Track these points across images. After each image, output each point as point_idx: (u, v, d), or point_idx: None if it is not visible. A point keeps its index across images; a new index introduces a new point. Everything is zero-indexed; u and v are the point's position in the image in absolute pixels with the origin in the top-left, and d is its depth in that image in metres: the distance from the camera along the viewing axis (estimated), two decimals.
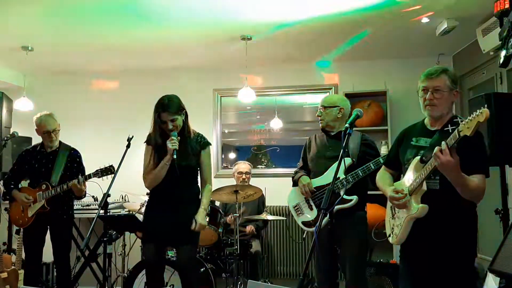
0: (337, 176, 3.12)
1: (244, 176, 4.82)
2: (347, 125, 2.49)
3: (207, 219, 4.04)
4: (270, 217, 4.38)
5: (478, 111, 1.93)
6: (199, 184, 3.28)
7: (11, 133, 4.35)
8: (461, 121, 2.08)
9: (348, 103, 3.41)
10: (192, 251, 3.18)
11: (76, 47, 4.88)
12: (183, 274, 3.22)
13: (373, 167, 3.02)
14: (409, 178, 2.38)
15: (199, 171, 3.26)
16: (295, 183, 3.43)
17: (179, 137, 3.04)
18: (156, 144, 3.12)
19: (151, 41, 4.72)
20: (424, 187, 2.28)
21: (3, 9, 3.84)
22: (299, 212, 3.38)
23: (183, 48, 4.97)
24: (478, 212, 4.73)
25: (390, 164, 2.69)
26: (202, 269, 3.98)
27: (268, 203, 4.89)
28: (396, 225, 2.46)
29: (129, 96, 5.78)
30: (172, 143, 2.98)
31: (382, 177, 2.67)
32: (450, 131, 2.17)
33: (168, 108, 3.03)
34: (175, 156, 2.97)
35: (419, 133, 2.50)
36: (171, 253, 4.07)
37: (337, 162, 3.13)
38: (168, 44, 4.83)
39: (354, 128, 2.63)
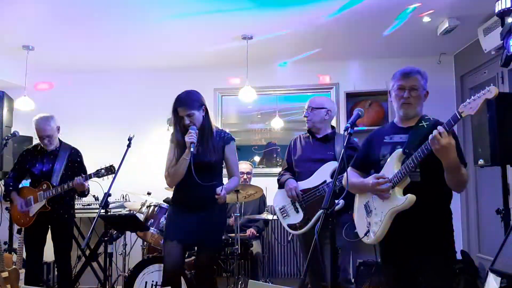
0: (324, 180, 3.16)
1: (245, 176, 4.81)
2: (348, 124, 2.47)
3: None
4: (271, 217, 4.38)
5: (485, 88, 1.97)
6: (224, 182, 3.16)
7: (12, 132, 4.35)
8: (432, 117, 2.25)
9: (335, 106, 3.43)
10: (212, 254, 3.08)
11: (77, 46, 4.88)
12: (198, 276, 3.16)
13: None
14: (388, 171, 2.37)
15: (224, 168, 3.16)
16: (280, 186, 3.42)
17: (197, 131, 2.94)
18: (177, 141, 3.03)
19: (151, 41, 4.72)
20: (408, 178, 2.29)
21: (4, 8, 3.84)
22: (285, 214, 3.37)
23: (183, 47, 4.96)
24: (479, 212, 4.73)
25: (359, 165, 2.65)
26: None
27: (269, 202, 4.89)
28: (374, 222, 2.41)
29: (130, 95, 5.78)
30: (189, 137, 2.88)
31: (354, 175, 2.61)
32: (425, 126, 2.27)
33: (183, 103, 2.96)
34: (192, 149, 2.86)
35: (390, 132, 2.52)
36: None
37: (325, 164, 3.20)
38: (169, 44, 4.82)
39: (342, 131, 2.61)
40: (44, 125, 3.82)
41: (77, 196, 4.16)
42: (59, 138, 4.01)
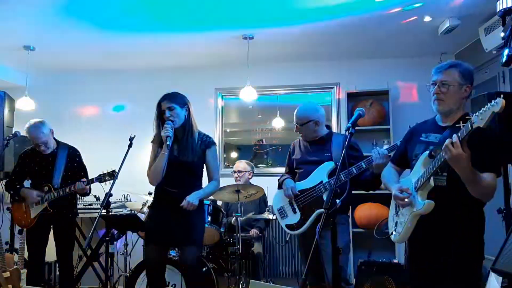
0: (321, 180, 3.17)
1: (236, 175, 4.77)
2: (349, 124, 2.46)
3: (209, 219, 4.05)
4: (272, 216, 4.37)
5: (493, 101, 1.87)
6: (203, 185, 3.24)
7: (13, 132, 4.35)
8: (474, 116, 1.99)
9: (320, 111, 3.33)
10: (196, 252, 3.15)
11: (78, 46, 4.88)
12: (187, 275, 3.21)
13: (355, 171, 3.00)
14: (416, 173, 2.32)
15: (205, 171, 3.24)
16: (280, 186, 3.44)
17: (173, 126, 3.00)
18: (157, 138, 3.10)
19: (152, 40, 4.72)
20: (432, 183, 2.21)
21: (4, 8, 3.84)
22: (283, 215, 3.39)
23: (184, 47, 4.96)
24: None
25: (397, 161, 2.62)
26: (204, 269, 3.98)
27: (270, 202, 4.88)
28: (399, 223, 2.40)
29: (131, 95, 5.78)
30: (165, 131, 2.96)
31: (388, 174, 2.61)
32: (462, 127, 2.05)
33: (167, 96, 3.08)
34: (168, 143, 2.93)
35: (429, 129, 2.43)
36: (173, 253, 4.06)
37: (321, 165, 3.21)
38: (170, 43, 4.82)
39: (343, 131, 2.58)
40: (38, 133, 3.80)
41: (78, 196, 4.16)
42: (55, 138, 3.99)
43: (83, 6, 3.85)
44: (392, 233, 2.49)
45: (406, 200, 2.29)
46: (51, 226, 3.91)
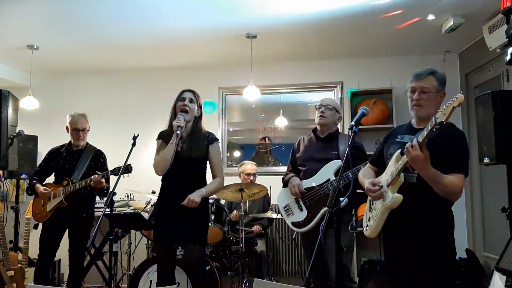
0: (328, 178, 3.18)
1: (252, 178, 4.82)
2: (353, 123, 2.47)
3: (212, 218, 4.05)
4: (275, 216, 4.38)
5: (454, 97, 2.00)
6: (207, 182, 3.26)
7: (17, 131, 4.37)
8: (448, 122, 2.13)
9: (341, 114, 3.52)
10: (200, 251, 3.17)
11: (81, 46, 4.89)
12: (190, 273, 3.22)
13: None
14: (389, 170, 2.42)
15: (209, 169, 3.28)
16: (285, 184, 3.45)
17: (186, 118, 3.10)
18: (170, 130, 3.17)
19: (155, 40, 4.73)
20: (402, 178, 2.31)
21: (8, 8, 3.85)
22: (289, 212, 3.40)
23: (188, 46, 4.97)
24: (485, 210, 4.71)
25: (375, 161, 2.70)
26: (207, 267, 3.99)
27: (273, 201, 4.88)
28: (371, 217, 2.49)
29: (134, 94, 5.79)
30: (177, 121, 3.05)
31: (364, 172, 2.70)
32: (434, 130, 2.18)
33: (191, 90, 3.25)
34: (178, 132, 3.00)
35: (404, 131, 2.55)
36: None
37: (329, 162, 3.23)
38: (173, 42, 4.82)
39: (346, 130, 2.62)
40: (83, 119, 4.06)
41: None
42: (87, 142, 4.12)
43: (84, 6, 3.86)
44: (365, 228, 2.57)
45: (377, 192, 2.36)
46: (66, 227, 3.91)
